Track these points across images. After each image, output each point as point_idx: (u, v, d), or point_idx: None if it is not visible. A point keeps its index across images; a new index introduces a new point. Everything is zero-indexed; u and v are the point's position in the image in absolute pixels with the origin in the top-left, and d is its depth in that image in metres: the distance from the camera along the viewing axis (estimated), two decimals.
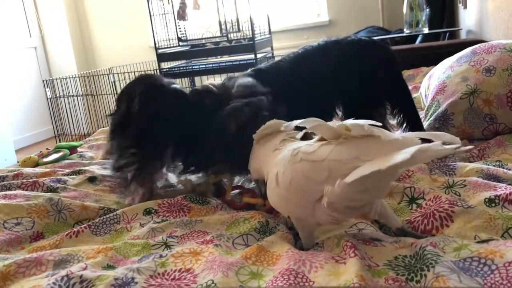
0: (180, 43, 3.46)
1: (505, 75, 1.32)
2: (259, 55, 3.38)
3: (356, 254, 0.72)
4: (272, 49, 3.73)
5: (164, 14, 3.50)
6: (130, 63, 3.91)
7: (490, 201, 0.91)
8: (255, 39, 3.29)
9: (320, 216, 0.75)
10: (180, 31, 3.61)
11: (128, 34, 4.61)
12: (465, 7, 2.93)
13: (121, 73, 3.81)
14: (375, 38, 3.30)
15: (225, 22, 3.37)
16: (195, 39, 3.51)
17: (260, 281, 0.72)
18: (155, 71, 3.76)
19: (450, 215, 0.86)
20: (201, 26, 3.61)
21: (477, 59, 1.42)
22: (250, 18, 3.25)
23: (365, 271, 0.68)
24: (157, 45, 3.38)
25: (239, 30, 3.30)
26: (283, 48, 4.08)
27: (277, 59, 3.55)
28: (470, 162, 1.20)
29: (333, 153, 0.72)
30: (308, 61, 1.29)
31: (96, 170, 1.42)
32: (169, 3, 3.45)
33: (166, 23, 3.57)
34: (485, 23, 2.62)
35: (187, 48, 3.54)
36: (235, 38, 3.45)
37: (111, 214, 1.04)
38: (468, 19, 2.94)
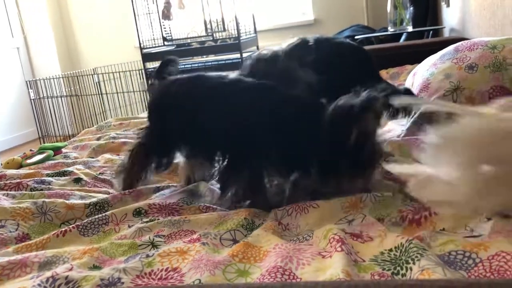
0: (165, 43, 3.44)
1: (487, 72, 1.35)
2: (244, 54, 3.38)
3: (343, 249, 0.72)
4: (258, 48, 3.73)
5: (149, 13, 3.48)
6: (115, 63, 3.88)
7: None
8: (241, 38, 3.30)
9: None
10: (165, 30, 3.59)
11: (113, 33, 4.58)
12: (448, 5, 2.97)
13: (105, 73, 3.78)
14: (360, 36, 3.33)
15: (210, 21, 3.36)
16: (180, 39, 3.50)
17: (248, 278, 0.73)
18: (140, 71, 3.74)
19: None
20: (186, 26, 3.60)
21: (460, 56, 1.44)
22: (236, 17, 3.26)
23: (351, 266, 0.68)
24: (142, 45, 3.37)
25: (224, 30, 3.30)
26: (269, 47, 4.08)
27: None
28: None
29: None
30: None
31: (82, 169, 1.41)
32: (153, 3, 3.43)
33: (151, 22, 3.55)
34: (467, 21, 2.66)
35: (173, 47, 3.52)
36: (221, 37, 3.44)
37: (100, 215, 1.03)
38: (451, 17, 2.98)
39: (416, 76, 1.58)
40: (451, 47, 1.53)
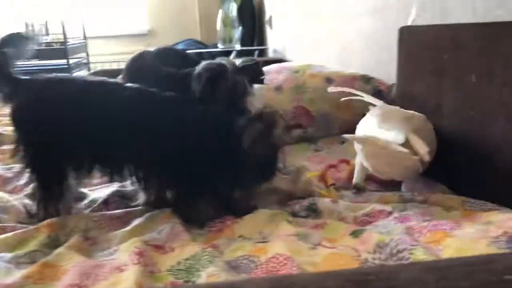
0: None
1: (290, 93, 1.52)
2: (72, 60, 3.21)
3: (140, 262, 0.75)
4: (87, 55, 3.57)
5: None
6: None
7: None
8: (68, 44, 3.13)
9: None
10: None
11: None
12: (271, 27, 3.25)
13: None
14: (192, 51, 3.42)
15: (32, 24, 3.11)
16: None
17: None
18: None
19: None
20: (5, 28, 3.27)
21: (269, 78, 1.59)
22: (62, 22, 3.08)
23: (145, 278, 0.72)
24: None
25: (48, 34, 3.08)
26: (102, 54, 3.93)
27: (96, 65, 3.39)
28: None
29: None
30: None
31: None
32: None
33: None
34: (286, 44, 2.95)
35: None
36: (46, 41, 3.21)
37: None
38: (274, 39, 3.26)
39: None
40: (264, 69, 1.68)
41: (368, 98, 1.24)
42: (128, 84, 1.05)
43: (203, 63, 1.20)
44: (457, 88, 1.10)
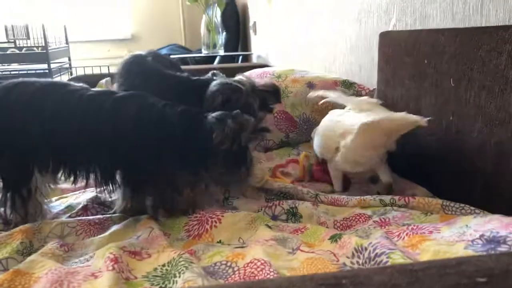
0: None
1: None
2: (54, 65, 3.17)
3: (114, 268, 0.73)
4: (69, 59, 3.53)
5: None
6: None
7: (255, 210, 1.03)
8: (49, 48, 3.09)
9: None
10: None
11: None
12: (255, 33, 3.25)
13: None
14: (176, 56, 3.42)
15: (12, 27, 3.07)
16: None
17: None
18: None
19: (219, 218, 0.95)
20: None
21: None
22: (43, 25, 3.04)
23: (120, 284, 0.70)
24: None
25: (28, 37, 3.04)
26: (84, 59, 3.89)
27: (77, 70, 3.35)
28: None
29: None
30: None
31: None
32: None
33: None
34: (269, 50, 2.95)
35: None
36: (26, 45, 3.17)
37: None
38: (257, 45, 3.27)
39: None
40: (246, 74, 1.68)
41: (341, 98, 1.24)
42: (84, 86, 1.04)
43: (220, 81, 1.18)
44: (437, 93, 1.11)
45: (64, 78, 3.12)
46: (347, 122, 1.12)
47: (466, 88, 1.01)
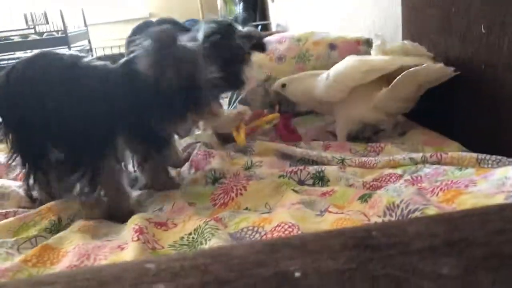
0: None
1: (293, 62, 1.48)
2: (74, 49, 3.18)
3: (139, 238, 0.72)
4: (89, 42, 3.54)
5: None
6: None
7: (280, 176, 0.99)
8: (68, 32, 3.09)
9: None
10: None
11: None
12: (273, 1, 3.17)
13: None
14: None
15: (31, 13, 3.08)
16: None
17: None
18: None
19: (245, 186, 0.93)
20: (2, 18, 3.25)
21: (271, 48, 1.54)
22: (60, 11, 3.04)
23: (146, 254, 0.69)
24: None
25: (47, 22, 3.05)
26: (104, 40, 3.90)
27: (98, 52, 3.36)
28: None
29: None
30: None
31: None
32: None
33: None
34: (289, 16, 2.88)
35: None
36: (45, 31, 3.19)
37: None
38: (276, 13, 3.19)
39: None
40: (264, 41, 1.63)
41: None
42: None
43: (208, 19, 1.10)
44: (466, 42, 1.04)
45: None
46: (376, 60, 1.13)
47: (499, 35, 0.94)
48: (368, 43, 1.50)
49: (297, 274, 0.31)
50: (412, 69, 1.06)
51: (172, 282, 0.32)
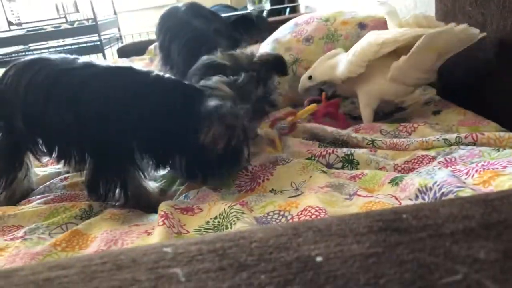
0: (12, 27, 3.13)
1: (321, 43, 1.43)
2: (104, 37, 3.21)
3: (164, 223, 0.72)
4: (119, 30, 3.57)
5: None
6: None
7: (307, 159, 0.97)
8: (98, 20, 3.13)
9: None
10: (12, 13, 3.27)
11: None
12: None
13: None
14: (224, 15, 3.35)
15: (62, 3, 3.13)
16: (29, 22, 3.21)
17: None
18: None
19: (271, 173, 0.92)
20: (34, 8, 3.31)
21: (298, 30, 1.51)
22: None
23: (171, 239, 0.68)
24: None
25: (77, 11, 3.09)
26: (134, 28, 3.92)
27: (127, 39, 3.37)
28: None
29: None
30: None
31: None
32: None
33: (2, 5, 3.20)
34: None
35: (23, 32, 3.23)
36: (76, 20, 3.23)
37: None
38: None
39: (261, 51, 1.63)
40: (292, 22, 1.59)
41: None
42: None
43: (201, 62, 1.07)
44: (505, 14, 0.98)
45: (115, 48, 3.16)
46: (393, 32, 1.11)
47: None
48: None
49: (319, 259, 0.30)
50: (432, 31, 1.02)
51: (188, 266, 0.30)
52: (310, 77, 1.27)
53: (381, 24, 1.42)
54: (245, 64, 1.05)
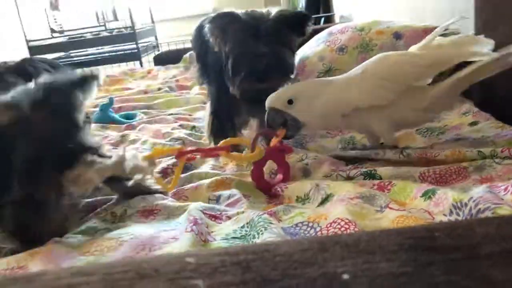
0: (54, 35, 3.25)
1: (355, 52, 1.42)
2: (142, 45, 3.29)
3: (192, 230, 0.72)
4: (156, 38, 3.64)
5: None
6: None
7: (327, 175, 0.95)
8: (136, 28, 3.20)
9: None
10: (56, 21, 3.39)
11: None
12: None
13: None
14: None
15: (102, 11, 3.22)
16: (70, 30, 3.32)
17: None
18: None
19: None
20: (75, 16, 3.42)
21: (332, 39, 1.50)
22: (129, 8, 3.15)
23: (198, 247, 0.68)
24: (27, 37, 3.15)
25: (116, 19, 3.18)
26: (171, 36, 3.99)
27: (163, 47, 3.44)
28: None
29: None
30: None
31: None
32: None
33: (46, 13, 3.33)
34: (353, 8, 2.79)
35: (64, 39, 3.34)
36: (115, 27, 3.32)
37: None
38: (340, 4, 3.11)
39: (296, 60, 1.62)
40: (326, 31, 1.59)
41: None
42: None
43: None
44: None
45: (151, 56, 3.22)
46: (441, 53, 0.98)
47: None
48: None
49: (345, 277, 0.28)
50: (481, 63, 0.91)
51: (210, 278, 0.30)
52: (290, 102, 0.95)
53: (418, 34, 1.39)
54: (261, 21, 1.04)
